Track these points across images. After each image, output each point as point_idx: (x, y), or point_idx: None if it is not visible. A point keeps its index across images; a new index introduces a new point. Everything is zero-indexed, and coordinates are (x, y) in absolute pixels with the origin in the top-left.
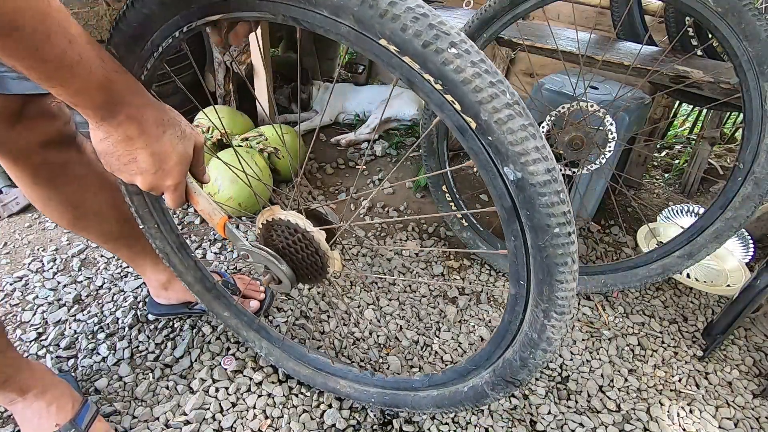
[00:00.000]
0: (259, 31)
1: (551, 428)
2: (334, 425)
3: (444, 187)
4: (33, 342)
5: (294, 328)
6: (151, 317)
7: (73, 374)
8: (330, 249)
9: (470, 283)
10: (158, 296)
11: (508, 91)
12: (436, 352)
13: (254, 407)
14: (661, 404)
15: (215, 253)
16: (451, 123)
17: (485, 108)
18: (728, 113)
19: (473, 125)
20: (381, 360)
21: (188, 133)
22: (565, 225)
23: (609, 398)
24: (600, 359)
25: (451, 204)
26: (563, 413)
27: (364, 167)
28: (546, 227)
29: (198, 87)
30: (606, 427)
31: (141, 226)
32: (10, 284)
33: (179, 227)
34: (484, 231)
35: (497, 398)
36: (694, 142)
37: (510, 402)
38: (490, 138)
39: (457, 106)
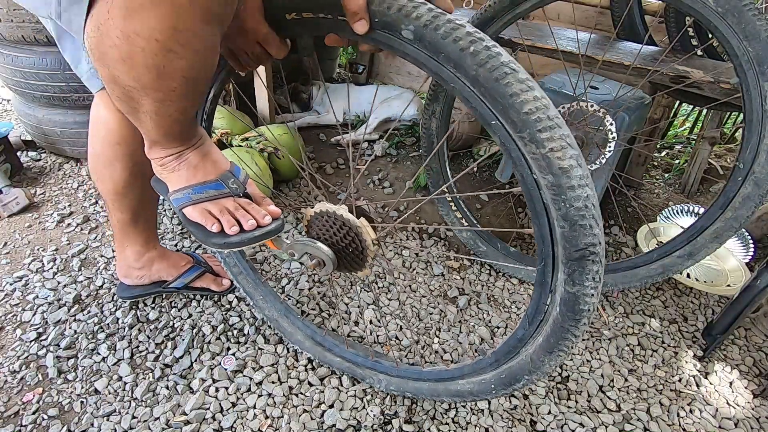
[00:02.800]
0: None
1: (551, 428)
2: (334, 425)
3: (444, 187)
4: (33, 342)
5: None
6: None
7: None
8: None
9: (470, 283)
10: (127, 276)
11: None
12: (436, 352)
13: (254, 407)
14: (661, 404)
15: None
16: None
17: None
18: (728, 113)
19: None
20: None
21: None
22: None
23: (609, 398)
24: (600, 359)
25: (451, 204)
26: (563, 413)
27: (365, 167)
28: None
29: None
30: (606, 427)
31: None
32: (10, 284)
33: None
34: (484, 231)
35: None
36: (694, 142)
37: (510, 402)
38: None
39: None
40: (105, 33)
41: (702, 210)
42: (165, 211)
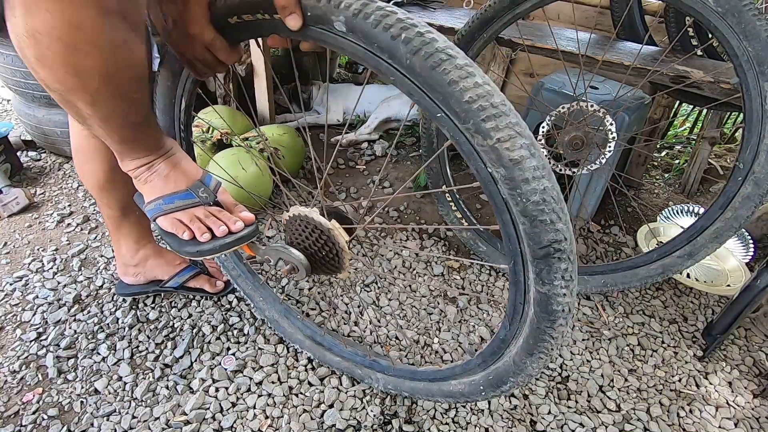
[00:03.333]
0: None
1: (551, 428)
2: (334, 425)
3: (444, 187)
4: (33, 342)
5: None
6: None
7: None
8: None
9: (470, 283)
10: (126, 275)
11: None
12: (436, 352)
13: (254, 407)
14: (661, 404)
15: None
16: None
17: None
18: (728, 113)
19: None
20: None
21: None
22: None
23: (609, 398)
24: (600, 359)
25: (451, 204)
26: (563, 413)
27: (364, 167)
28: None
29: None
30: (606, 427)
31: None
32: (10, 284)
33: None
34: (484, 231)
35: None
36: (694, 142)
37: (510, 402)
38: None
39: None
40: (17, 33)
41: (702, 210)
42: None
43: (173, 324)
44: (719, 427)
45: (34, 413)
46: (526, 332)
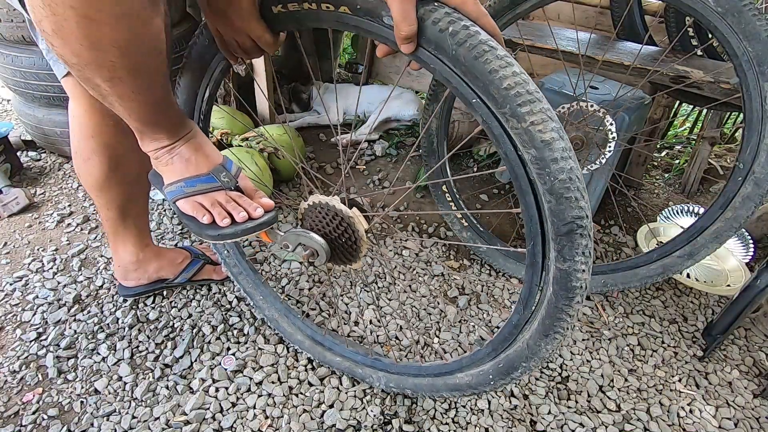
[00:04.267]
0: None
1: (551, 428)
2: (334, 425)
3: (444, 187)
4: (33, 342)
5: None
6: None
7: None
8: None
9: (470, 283)
10: (125, 279)
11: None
12: (436, 352)
13: (254, 407)
14: (661, 404)
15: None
16: None
17: None
18: (728, 113)
19: None
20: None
21: None
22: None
23: (609, 398)
24: (600, 359)
25: (451, 204)
26: (563, 413)
27: (364, 167)
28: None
29: None
30: (606, 427)
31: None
32: (10, 284)
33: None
34: (484, 231)
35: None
36: (694, 142)
37: (510, 402)
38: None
39: None
40: (33, 4)
41: (702, 210)
42: (165, 211)
43: (173, 324)
44: (719, 427)
45: (34, 413)
46: (542, 314)
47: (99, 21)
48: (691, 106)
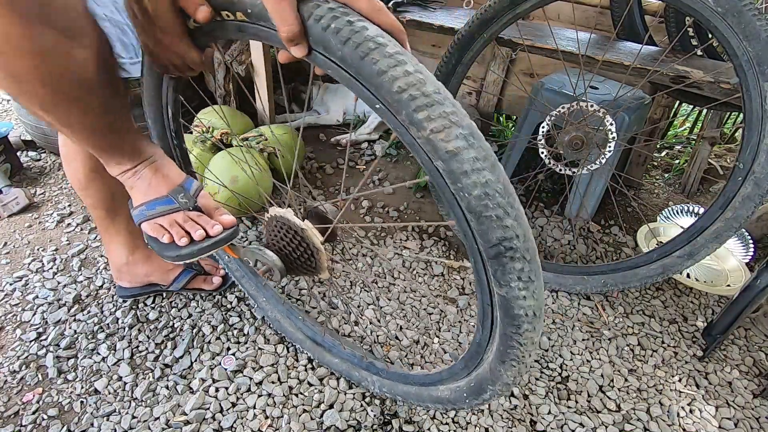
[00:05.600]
0: None
1: (551, 428)
2: (334, 425)
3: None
4: (33, 342)
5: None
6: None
7: None
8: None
9: (470, 283)
10: (121, 279)
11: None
12: (436, 352)
13: (254, 407)
14: (661, 404)
15: None
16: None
17: None
18: (728, 113)
19: None
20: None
21: None
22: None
23: (609, 398)
24: (600, 359)
25: None
26: (563, 413)
27: (364, 167)
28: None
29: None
30: (606, 427)
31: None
32: (10, 284)
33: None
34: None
35: None
36: (694, 142)
37: (510, 402)
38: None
39: None
40: None
41: (702, 210)
42: None
43: (173, 324)
44: (719, 427)
45: (34, 413)
46: (496, 338)
47: (12, 55)
48: (691, 106)
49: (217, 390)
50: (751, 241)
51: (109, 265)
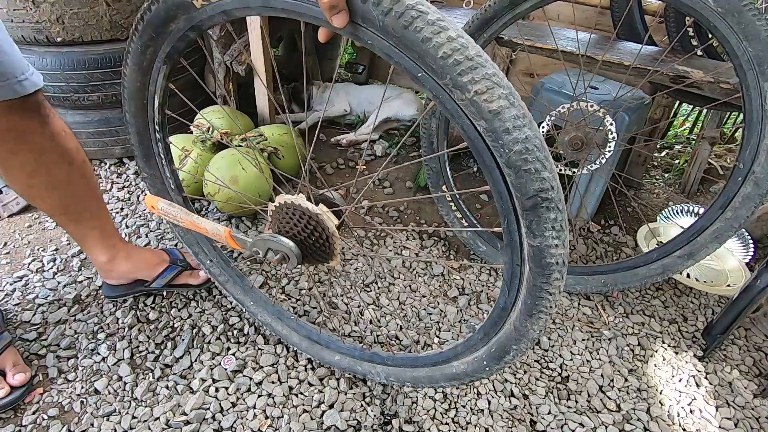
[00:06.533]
0: (259, 30)
1: (551, 428)
2: (334, 425)
3: (444, 187)
4: (33, 342)
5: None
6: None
7: None
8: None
9: (470, 283)
10: (108, 278)
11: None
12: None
13: (254, 407)
14: (661, 404)
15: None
16: None
17: None
18: (728, 113)
19: None
20: None
21: None
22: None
23: (609, 398)
24: (600, 359)
25: (451, 204)
26: (563, 413)
27: (364, 167)
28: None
29: (197, 87)
30: (606, 427)
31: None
32: (10, 284)
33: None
34: (484, 231)
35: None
36: (694, 142)
37: (510, 402)
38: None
39: None
40: None
41: (702, 210)
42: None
43: (173, 324)
44: (719, 427)
45: (34, 413)
46: (524, 293)
47: None
48: (691, 106)
49: (217, 390)
50: (751, 241)
51: (97, 270)
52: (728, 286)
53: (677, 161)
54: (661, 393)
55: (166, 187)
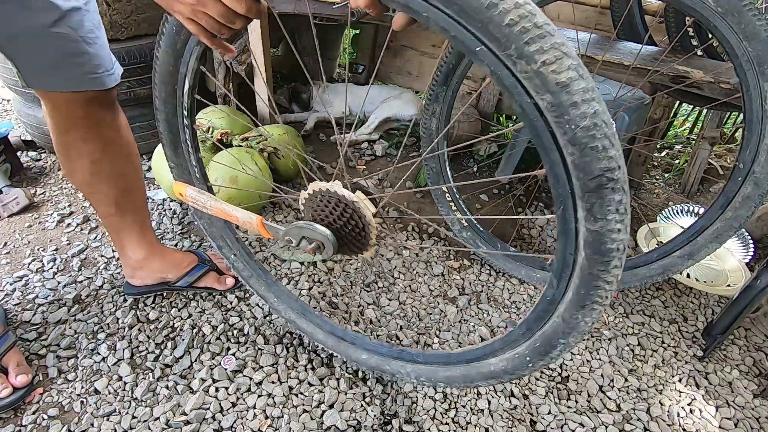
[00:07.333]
0: (258, 30)
1: (551, 428)
2: (334, 425)
3: (444, 187)
4: (33, 342)
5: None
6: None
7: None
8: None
9: (470, 283)
10: (132, 277)
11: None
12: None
13: (254, 407)
14: (661, 404)
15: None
16: None
17: None
18: (728, 113)
19: None
20: None
21: None
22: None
23: (609, 398)
24: (600, 359)
25: (451, 204)
26: (563, 413)
27: (364, 167)
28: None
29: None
30: (606, 427)
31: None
32: (10, 284)
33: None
34: (484, 231)
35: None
36: (694, 142)
37: (510, 402)
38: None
39: None
40: None
41: (702, 210)
42: (165, 211)
43: (173, 324)
44: (719, 427)
45: (34, 413)
46: (576, 283)
47: None
48: (691, 106)
49: (217, 390)
50: (751, 241)
51: (121, 264)
52: (728, 286)
53: (677, 161)
54: (661, 393)
55: (191, 177)
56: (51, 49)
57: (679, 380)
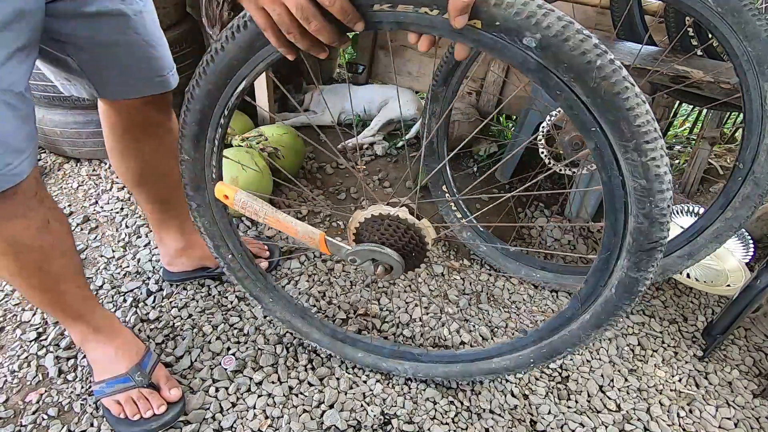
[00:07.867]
0: None
1: (551, 428)
2: (334, 425)
3: (444, 187)
4: (33, 342)
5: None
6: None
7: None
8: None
9: (470, 284)
10: (171, 264)
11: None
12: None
13: (254, 407)
14: (661, 404)
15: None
16: None
17: None
18: (728, 113)
19: None
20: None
21: None
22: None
23: (609, 398)
24: (600, 359)
25: (451, 204)
26: (563, 413)
27: (364, 167)
28: None
29: None
30: (606, 427)
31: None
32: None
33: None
34: (484, 231)
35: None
36: (694, 142)
37: (510, 402)
38: None
39: None
40: None
41: (702, 210)
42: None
43: (173, 324)
44: (719, 427)
45: (34, 413)
46: (597, 310)
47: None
48: (691, 106)
49: (217, 390)
50: (751, 241)
51: (159, 252)
52: (728, 286)
53: (677, 161)
54: (661, 393)
55: (203, 176)
56: (124, 58)
57: (679, 380)
